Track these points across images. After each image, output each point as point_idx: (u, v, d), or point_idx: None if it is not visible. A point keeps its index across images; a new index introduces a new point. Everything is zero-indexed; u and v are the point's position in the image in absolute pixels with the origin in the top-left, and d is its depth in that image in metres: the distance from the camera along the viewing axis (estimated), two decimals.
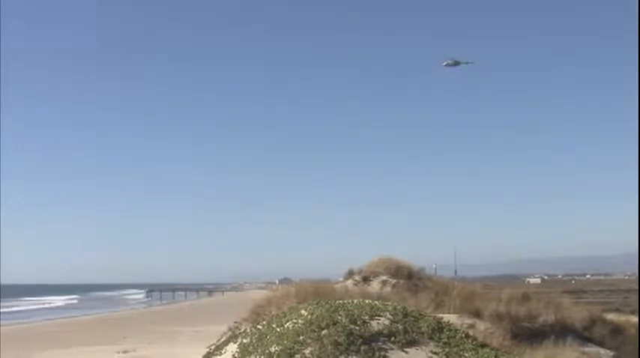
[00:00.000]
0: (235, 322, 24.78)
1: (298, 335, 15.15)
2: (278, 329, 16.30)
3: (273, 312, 20.68)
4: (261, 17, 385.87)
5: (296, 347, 14.66)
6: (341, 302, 17.77)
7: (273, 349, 14.91)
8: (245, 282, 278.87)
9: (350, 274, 32.44)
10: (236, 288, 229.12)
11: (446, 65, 31.09)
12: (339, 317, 15.71)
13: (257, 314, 23.28)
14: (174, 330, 55.91)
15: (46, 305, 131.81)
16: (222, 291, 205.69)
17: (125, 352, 38.64)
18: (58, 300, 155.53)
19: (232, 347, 17.17)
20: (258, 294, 42.44)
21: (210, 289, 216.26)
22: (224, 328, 25.32)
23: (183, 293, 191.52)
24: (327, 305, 17.07)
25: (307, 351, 14.47)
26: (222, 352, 17.84)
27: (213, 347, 19.94)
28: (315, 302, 18.12)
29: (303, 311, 17.01)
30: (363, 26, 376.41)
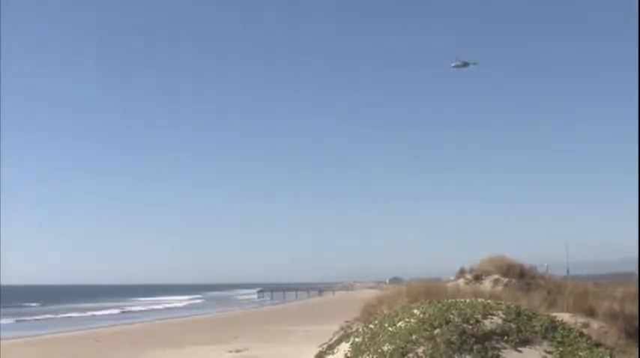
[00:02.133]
0: (347, 321, 25.04)
1: (411, 335, 15.25)
2: (390, 329, 16.42)
3: (384, 311, 20.79)
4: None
5: (408, 346, 14.78)
6: (453, 301, 17.75)
7: (385, 348, 15.05)
8: (355, 282, 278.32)
9: (461, 273, 32.40)
10: (346, 288, 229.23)
11: (454, 66, 30.63)
12: (452, 316, 15.75)
13: (369, 313, 23.45)
14: (285, 330, 56.42)
15: (172, 305, 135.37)
16: (333, 291, 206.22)
17: (238, 351, 39.19)
18: (183, 300, 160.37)
19: (344, 347, 17.32)
20: (369, 294, 42.60)
21: (320, 288, 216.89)
22: (334, 327, 25.52)
23: (293, 292, 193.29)
24: (439, 305, 17.10)
25: (420, 350, 14.57)
26: (335, 351, 17.96)
27: (325, 347, 20.08)
28: (427, 301, 18.17)
29: (415, 311, 17.07)
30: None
